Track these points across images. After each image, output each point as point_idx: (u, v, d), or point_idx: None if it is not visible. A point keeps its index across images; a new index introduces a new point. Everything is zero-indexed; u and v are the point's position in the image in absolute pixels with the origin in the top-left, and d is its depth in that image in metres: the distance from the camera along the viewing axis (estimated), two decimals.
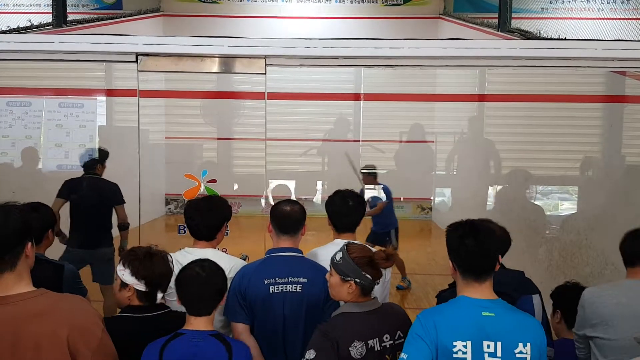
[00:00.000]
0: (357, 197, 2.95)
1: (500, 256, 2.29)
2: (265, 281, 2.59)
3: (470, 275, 2.10)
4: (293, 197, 6.75)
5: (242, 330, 2.57)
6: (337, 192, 2.99)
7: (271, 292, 2.58)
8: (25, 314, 1.84)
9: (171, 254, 2.76)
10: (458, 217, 2.24)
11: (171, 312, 2.40)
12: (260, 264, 2.67)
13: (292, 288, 2.60)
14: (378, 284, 2.34)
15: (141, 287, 2.32)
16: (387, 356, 2.26)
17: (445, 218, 8.93)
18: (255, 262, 2.71)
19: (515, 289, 2.49)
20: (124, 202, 4.48)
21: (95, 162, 4.63)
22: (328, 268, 2.69)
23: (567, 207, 5.74)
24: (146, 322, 2.28)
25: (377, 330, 2.26)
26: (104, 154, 4.67)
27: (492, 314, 2.04)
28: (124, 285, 2.34)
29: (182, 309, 2.31)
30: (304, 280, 2.62)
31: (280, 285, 2.60)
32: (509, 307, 2.12)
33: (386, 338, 2.26)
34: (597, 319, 2.47)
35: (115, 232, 4.58)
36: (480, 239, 2.09)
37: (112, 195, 4.51)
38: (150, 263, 2.35)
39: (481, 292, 2.09)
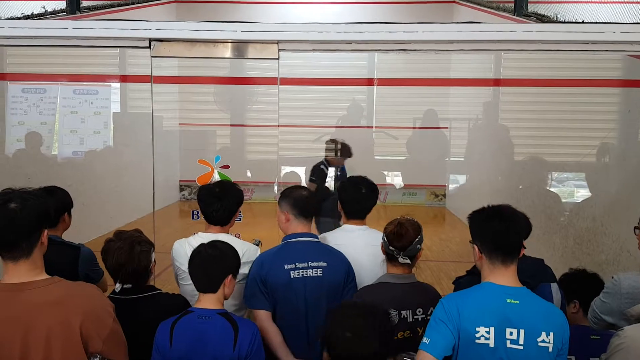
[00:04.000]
0: (370, 184, 2.94)
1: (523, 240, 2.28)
2: (286, 267, 2.59)
3: (496, 257, 2.09)
4: (303, 184, 6.76)
5: (264, 317, 2.58)
6: (350, 179, 3.00)
7: (292, 277, 2.59)
8: (39, 302, 1.84)
9: (184, 238, 2.79)
10: (472, 204, 2.23)
11: (153, 296, 2.42)
12: (278, 250, 2.68)
13: (312, 273, 2.61)
14: (403, 257, 2.40)
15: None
16: (418, 329, 2.34)
17: (459, 205, 8.89)
18: (273, 249, 2.71)
19: (533, 277, 2.46)
20: None
21: None
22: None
23: (583, 193, 5.67)
24: (119, 304, 2.21)
25: (411, 303, 2.36)
26: None
27: (517, 302, 2.03)
28: None
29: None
30: (324, 264, 2.63)
31: (300, 270, 2.61)
32: (533, 296, 2.10)
33: (419, 312, 2.38)
34: None
35: None
36: (506, 218, 2.11)
37: None
38: (114, 249, 2.40)
39: (506, 278, 2.08)
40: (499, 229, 2.08)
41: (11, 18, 5.01)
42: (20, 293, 1.85)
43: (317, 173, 5.55)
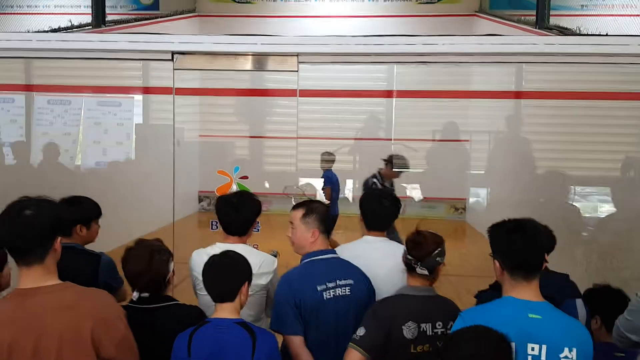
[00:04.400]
0: (393, 198, 2.91)
1: (546, 254, 2.24)
2: (318, 288, 2.54)
3: (518, 273, 2.05)
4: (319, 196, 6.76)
5: (299, 343, 2.50)
6: (373, 190, 2.98)
7: (325, 298, 2.54)
8: (51, 307, 1.87)
9: (202, 248, 2.81)
10: (493, 217, 2.20)
11: (169, 306, 2.42)
12: (306, 270, 2.62)
13: (340, 292, 2.57)
14: (421, 267, 2.37)
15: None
16: (438, 342, 2.30)
17: (480, 219, 8.78)
18: (298, 269, 2.65)
19: (558, 292, 2.41)
20: None
21: None
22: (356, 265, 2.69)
23: (607, 208, 5.56)
24: (136, 313, 2.26)
25: (430, 316, 2.33)
26: None
27: (539, 316, 1.99)
28: None
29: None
30: (351, 282, 2.60)
31: (331, 290, 2.56)
32: (556, 311, 2.06)
33: (439, 325, 2.34)
34: None
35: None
36: (528, 233, 2.05)
37: None
38: (131, 257, 2.43)
39: (529, 293, 2.04)
40: (520, 245, 2.03)
41: (39, 31, 5.16)
42: (32, 298, 1.88)
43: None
